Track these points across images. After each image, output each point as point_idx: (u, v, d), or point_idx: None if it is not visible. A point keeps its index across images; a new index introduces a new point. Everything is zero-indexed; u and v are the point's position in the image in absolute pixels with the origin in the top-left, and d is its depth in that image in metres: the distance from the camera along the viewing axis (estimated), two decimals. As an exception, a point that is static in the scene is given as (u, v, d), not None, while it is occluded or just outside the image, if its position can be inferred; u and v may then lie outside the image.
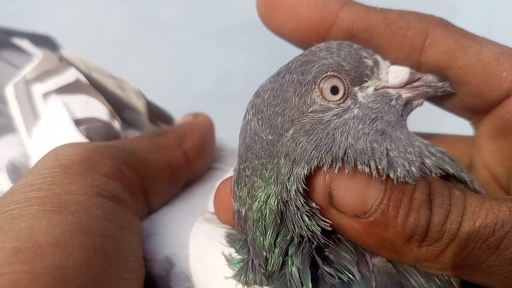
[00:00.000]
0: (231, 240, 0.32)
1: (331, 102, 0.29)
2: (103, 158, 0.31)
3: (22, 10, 0.96)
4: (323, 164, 0.28)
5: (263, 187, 0.29)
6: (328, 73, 0.30)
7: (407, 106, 0.32)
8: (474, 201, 0.27)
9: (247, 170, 0.30)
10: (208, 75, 0.91)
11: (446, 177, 0.30)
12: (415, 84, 0.31)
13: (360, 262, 0.28)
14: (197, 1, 0.94)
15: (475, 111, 0.33)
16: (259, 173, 0.29)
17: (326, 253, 0.29)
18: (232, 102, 0.85)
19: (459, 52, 0.30)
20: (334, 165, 0.28)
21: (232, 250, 0.31)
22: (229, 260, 0.31)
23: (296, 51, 0.33)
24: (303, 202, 0.28)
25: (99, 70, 0.45)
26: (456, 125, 0.36)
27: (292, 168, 0.28)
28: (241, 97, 0.87)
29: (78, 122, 0.40)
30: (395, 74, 0.31)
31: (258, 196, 0.29)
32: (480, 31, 0.32)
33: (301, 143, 0.28)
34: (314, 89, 0.29)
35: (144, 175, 0.34)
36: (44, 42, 0.55)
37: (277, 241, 0.29)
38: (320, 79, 0.30)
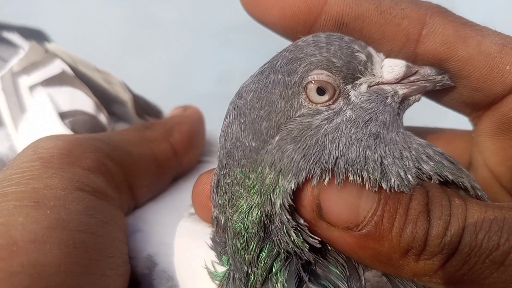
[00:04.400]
0: (214, 243, 0.30)
1: (319, 105, 0.27)
2: (84, 151, 0.30)
3: (21, 9, 0.95)
4: (312, 176, 0.26)
5: (245, 197, 0.27)
6: (314, 74, 0.27)
7: (404, 102, 0.29)
8: (476, 211, 0.25)
9: (227, 177, 0.28)
10: (208, 75, 0.91)
11: (445, 182, 0.27)
12: (412, 78, 0.29)
13: (351, 277, 0.26)
14: (197, 1, 0.93)
15: (475, 107, 0.30)
16: (241, 182, 0.27)
17: (313, 267, 0.27)
18: None
19: (459, 43, 0.28)
20: (324, 177, 0.26)
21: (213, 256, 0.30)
22: (211, 274, 0.29)
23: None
24: (289, 218, 0.26)
25: (85, 63, 0.44)
26: (455, 120, 0.34)
27: (278, 179, 0.26)
28: None
29: (63, 115, 0.39)
30: (390, 68, 0.28)
31: (240, 206, 0.27)
32: None
33: (288, 152, 0.26)
34: (300, 91, 0.27)
35: (129, 168, 0.33)
36: (34, 35, 0.54)
37: (260, 256, 0.27)
38: (307, 80, 0.27)
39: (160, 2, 0.94)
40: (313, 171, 0.26)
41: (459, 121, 0.33)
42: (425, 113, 0.31)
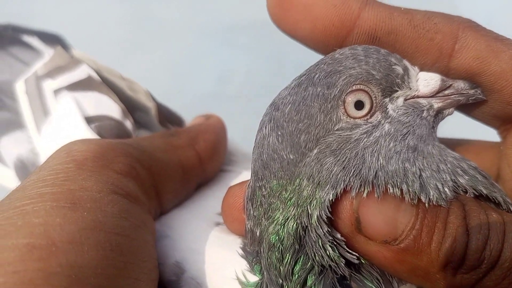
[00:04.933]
0: (245, 252, 0.30)
1: (357, 119, 0.27)
2: (116, 155, 0.30)
3: (23, 9, 0.96)
4: (350, 188, 0.26)
5: (281, 209, 0.27)
6: (355, 86, 0.27)
7: (438, 116, 0.29)
8: None
9: (263, 190, 0.28)
10: (209, 75, 0.91)
11: (479, 196, 0.28)
12: (446, 92, 0.29)
13: None
14: (197, 1, 0.94)
15: (505, 120, 0.31)
16: (277, 194, 0.27)
17: (348, 282, 0.27)
18: (233, 102, 0.86)
19: (491, 58, 0.28)
20: (363, 189, 0.26)
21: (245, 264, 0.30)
22: (242, 284, 0.29)
23: (297, 52, 0.31)
24: (326, 231, 0.26)
25: (110, 71, 0.45)
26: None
27: (315, 191, 0.26)
28: (242, 97, 0.88)
29: (89, 120, 0.40)
30: (425, 81, 0.29)
31: (276, 217, 0.27)
32: None
33: (327, 165, 0.26)
34: (340, 105, 0.27)
35: (156, 174, 0.33)
36: (54, 40, 0.55)
37: (295, 269, 0.27)
38: (346, 93, 0.27)
39: (161, 2, 0.95)
40: (353, 183, 0.26)
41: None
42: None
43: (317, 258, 0.26)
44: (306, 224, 0.26)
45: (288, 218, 0.27)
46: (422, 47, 0.29)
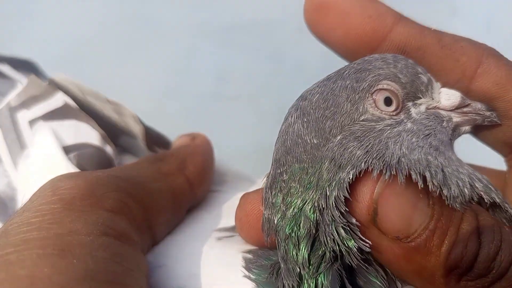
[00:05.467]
0: (249, 268, 0.29)
1: (383, 112, 0.28)
2: (106, 190, 0.28)
3: (21, 10, 0.93)
4: (372, 169, 0.26)
5: (300, 192, 0.27)
6: (384, 84, 0.28)
7: (455, 131, 0.30)
8: None
9: (284, 175, 0.28)
10: (207, 75, 0.90)
11: (492, 205, 0.28)
12: (465, 109, 0.30)
13: None
14: (196, 1, 0.93)
15: None
16: (297, 178, 0.27)
17: (354, 276, 0.27)
18: (232, 102, 0.85)
19: (510, 85, 0.30)
20: (385, 172, 0.26)
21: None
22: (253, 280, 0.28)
23: (297, 52, 0.31)
24: (340, 213, 0.26)
25: (95, 94, 0.43)
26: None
27: (336, 173, 0.26)
28: (242, 97, 0.88)
29: (67, 149, 0.38)
30: (447, 96, 0.30)
31: (294, 202, 0.27)
32: (480, 31, 0.31)
33: (350, 148, 0.27)
34: (367, 97, 0.28)
35: (148, 206, 0.31)
36: (26, 67, 0.52)
37: (311, 256, 0.27)
38: (375, 88, 0.28)
39: (160, 2, 0.93)
40: (375, 164, 0.26)
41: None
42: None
43: (329, 243, 0.26)
44: (323, 206, 0.26)
45: (306, 201, 0.27)
46: (447, 66, 0.30)
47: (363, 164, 0.26)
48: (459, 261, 0.24)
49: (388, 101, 0.28)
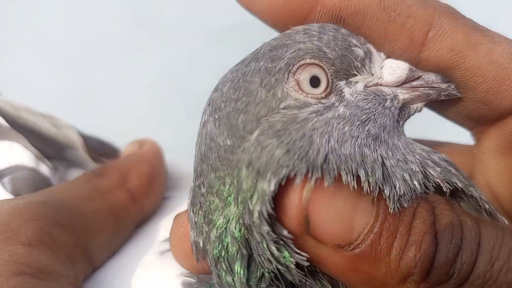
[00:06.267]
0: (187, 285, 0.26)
1: (309, 95, 0.23)
2: (24, 221, 0.26)
3: (20, 8, 0.91)
4: (295, 174, 0.22)
5: (221, 209, 0.23)
6: (307, 60, 0.24)
7: (404, 110, 0.26)
8: (492, 236, 0.22)
9: (202, 188, 0.24)
10: (208, 75, 0.88)
11: (452, 192, 0.25)
12: (415, 83, 0.26)
13: None
14: (197, 1, 0.91)
15: (480, 121, 0.28)
16: (215, 190, 0.23)
17: None
18: None
19: (468, 50, 0.25)
20: (310, 176, 0.22)
21: None
22: None
23: None
24: (270, 227, 0.22)
25: (28, 109, 0.40)
26: (452, 132, 0.31)
27: (256, 182, 0.22)
28: None
29: (1, 174, 0.35)
30: (391, 69, 0.26)
31: (216, 221, 0.23)
32: None
33: (268, 147, 0.22)
34: (287, 79, 0.23)
35: (82, 230, 0.29)
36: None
37: (250, 280, 0.23)
38: (296, 67, 0.24)
39: (160, 2, 0.91)
40: (297, 167, 0.22)
41: (456, 133, 0.31)
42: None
43: (265, 263, 0.22)
44: (248, 223, 0.22)
45: (229, 219, 0.23)
46: (392, 32, 0.26)
47: (284, 170, 0.22)
48: (412, 267, 0.21)
49: (315, 81, 0.24)
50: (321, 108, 0.23)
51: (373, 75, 0.25)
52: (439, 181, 0.24)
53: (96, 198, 0.31)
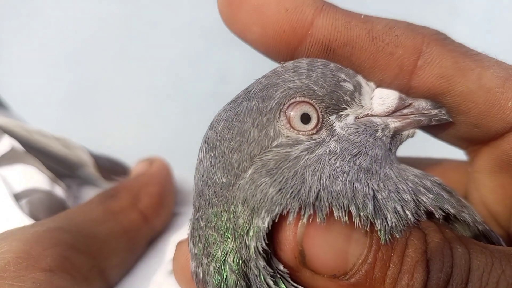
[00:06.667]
0: None
1: (301, 132, 0.24)
2: (44, 248, 0.27)
3: (23, 7, 0.92)
4: (288, 212, 0.23)
5: (219, 243, 0.24)
6: (297, 99, 0.25)
7: (396, 137, 0.26)
8: (481, 262, 0.22)
9: (200, 221, 0.25)
10: (208, 75, 0.89)
11: (446, 217, 0.25)
12: (405, 111, 0.26)
13: None
14: (197, 1, 0.92)
15: (472, 142, 0.28)
16: (213, 225, 0.25)
17: None
18: None
19: (458, 76, 0.25)
20: (303, 214, 0.23)
21: None
22: None
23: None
24: (266, 262, 0.23)
25: (41, 132, 0.41)
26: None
27: (252, 218, 0.23)
28: None
29: (18, 196, 0.36)
30: (381, 99, 0.26)
31: (215, 253, 0.24)
32: (480, 31, 0.28)
33: (262, 186, 0.23)
34: (278, 117, 0.24)
35: (97, 252, 0.30)
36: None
37: None
38: (286, 105, 0.25)
39: (160, 2, 0.92)
40: (290, 206, 0.23)
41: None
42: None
43: None
44: (245, 258, 0.24)
45: (227, 253, 0.24)
46: (381, 62, 0.26)
47: (277, 208, 0.23)
48: None
49: (305, 118, 0.24)
50: (313, 145, 0.24)
51: (363, 106, 0.26)
52: (432, 209, 0.24)
53: (110, 220, 0.33)
